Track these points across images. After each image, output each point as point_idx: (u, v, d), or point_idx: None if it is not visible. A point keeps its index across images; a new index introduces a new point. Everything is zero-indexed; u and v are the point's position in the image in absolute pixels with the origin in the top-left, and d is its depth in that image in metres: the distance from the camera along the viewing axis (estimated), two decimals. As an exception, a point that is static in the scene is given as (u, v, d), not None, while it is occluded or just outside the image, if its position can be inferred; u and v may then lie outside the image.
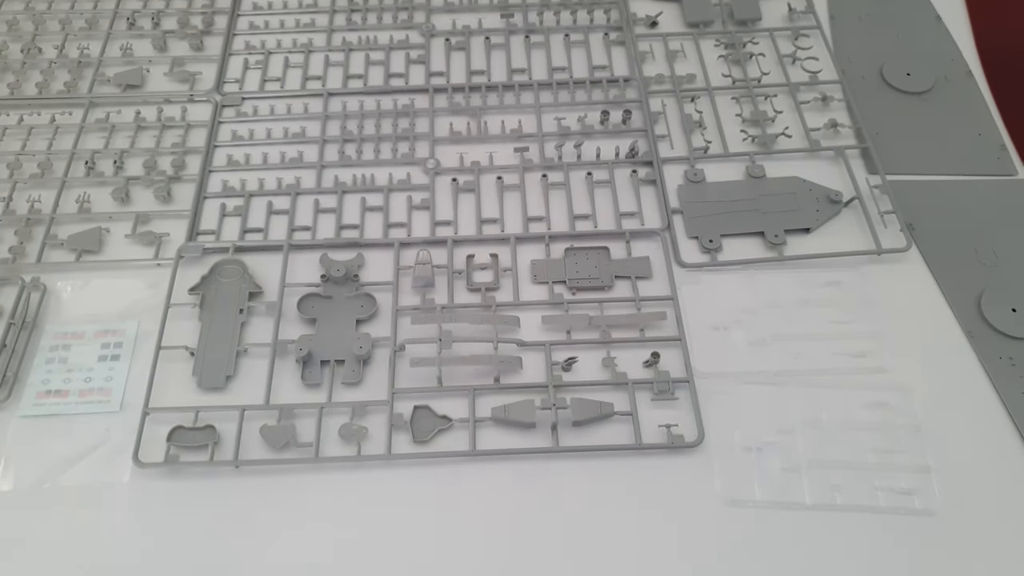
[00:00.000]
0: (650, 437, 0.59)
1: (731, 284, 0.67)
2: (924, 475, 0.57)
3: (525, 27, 0.83)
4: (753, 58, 0.81)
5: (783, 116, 0.76)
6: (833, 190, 0.71)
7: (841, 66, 0.81)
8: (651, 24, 0.84)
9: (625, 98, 0.78)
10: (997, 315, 0.64)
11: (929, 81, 0.79)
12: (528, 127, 0.76)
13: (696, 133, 0.75)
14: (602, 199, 0.71)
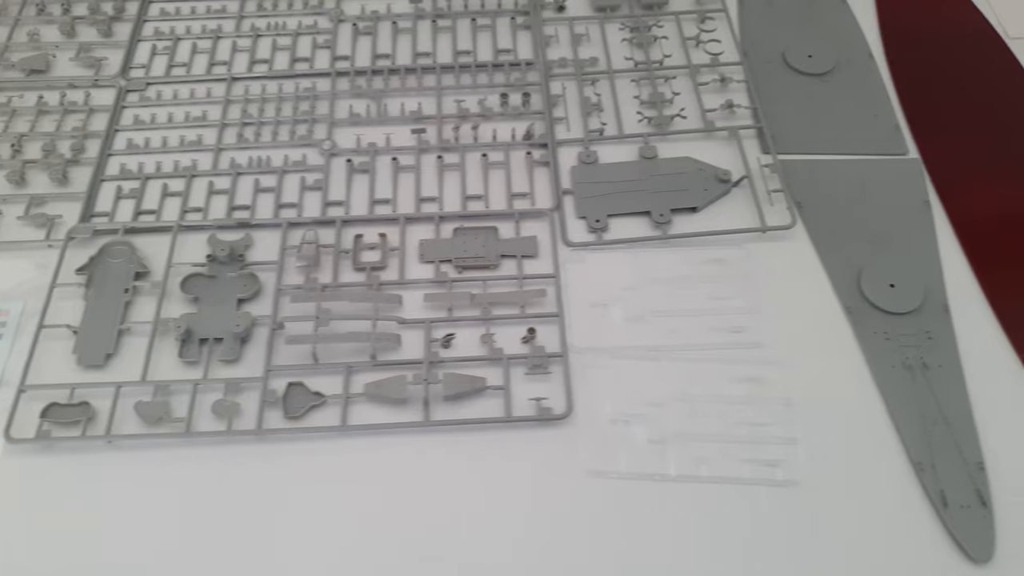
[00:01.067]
0: (521, 411, 0.59)
1: (615, 263, 0.67)
2: (790, 447, 0.58)
3: (433, 12, 0.84)
4: (657, 41, 0.81)
5: (682, 98, 0.77)
6: (723, 170, 0.71)
7: (745, 48, 0.81)
8: (559, 8, 0.84)
9: (526, 81, 0.78)
10: (876, 291, 0.65)
11: (830, 63, 0.80)
12: (428, 110, 0.76)
13: (594, 116, 0.76)
14: (496, 180, 0.72)
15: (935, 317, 0.64)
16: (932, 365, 0.61)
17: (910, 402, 0.59)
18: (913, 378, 0.61)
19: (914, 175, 0.72)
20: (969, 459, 0.57)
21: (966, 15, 0.84)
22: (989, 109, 0.77)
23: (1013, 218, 0.69)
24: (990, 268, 0.66)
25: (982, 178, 0.72)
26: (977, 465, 0.57)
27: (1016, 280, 0.66)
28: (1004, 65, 0.80)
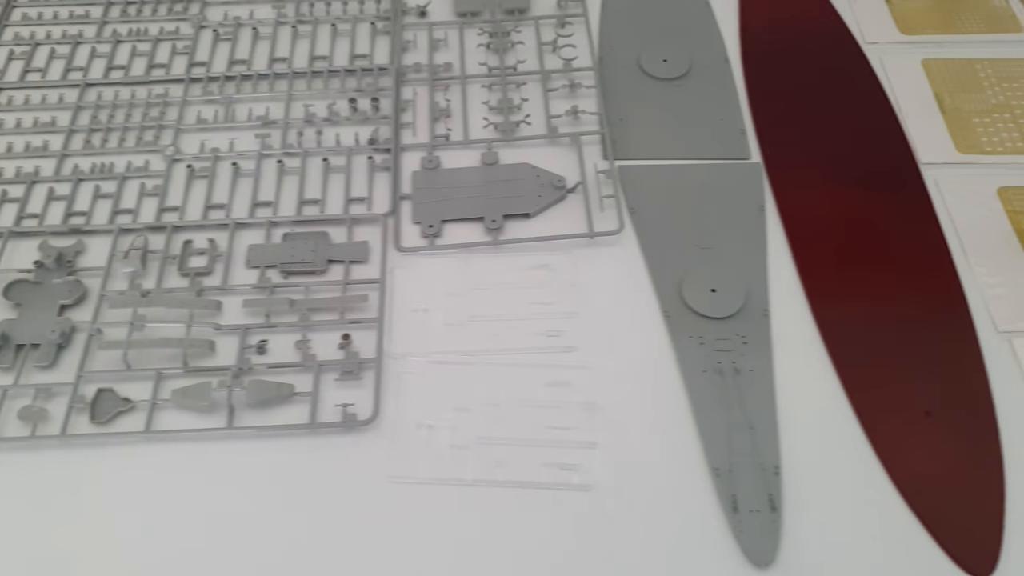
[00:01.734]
0: (328, 417, 0.60)
1: (444, 268, 0.67)
2: (589, 452, 0.58)
3: (295, 18, 0.84)
4: (514, 47, 0.82)
5: (531, 104, 0.77)
6: (558, 176, 0.71)
7: (602, 54, 0.81)
8: (420, 14, 0.85)
9: (378, 87, 0.78)
10: (696, 296, 0.65)
11: (683, 68, 0.80)
12: (276, 114, 0.76)
13: (442, 121, 0.76)
14: (336, 185, 0.72)
15: (754, 321, 0.64)
16: (744, 370, 0.61)
17: (716, 407, 0.60)
18: (723, 383, 0.61)
19: (754, 179, 0.72)
20: (767, 464, 0.57)
21: (825, 18, 0.85)
22: (837, 113, 0.77)
23: (841, 224, 0.70)
24: (813, 273, 0.66)
25: (820, 183, 0.72)
26: (774, 470, 0.57)
27: (835, 287, 0.66)
28: (856, 69, 0.80)
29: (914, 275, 0.67)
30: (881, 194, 0.71)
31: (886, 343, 0.63)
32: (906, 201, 0.71)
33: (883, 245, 0.69)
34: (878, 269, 0.67)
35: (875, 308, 0.65)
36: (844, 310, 0.65)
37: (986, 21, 0.84)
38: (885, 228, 0.70)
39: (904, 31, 0.83)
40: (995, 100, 0.78)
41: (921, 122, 0.76)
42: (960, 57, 0.81)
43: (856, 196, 0.71)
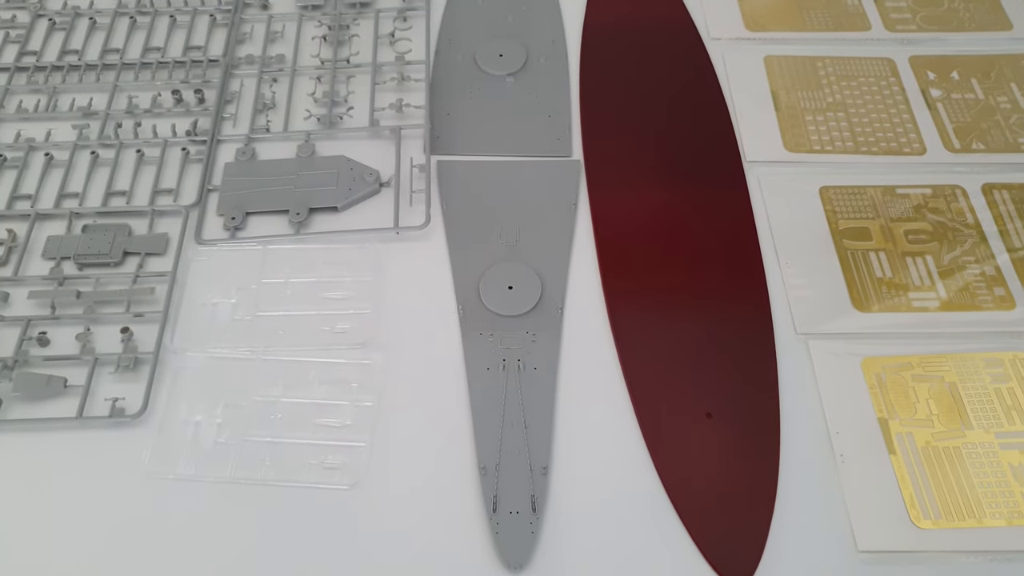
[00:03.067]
0: (99, 411, 0.58)
1: (242, 261, 0.66)
2: (358, 450, 0.57)
3: (136, 8, 0.83)
4: (351, 39, 0.81)
5: (358, 97, 0.76)
6: (372, 169, 0.70)
7: (439, 47, 0.80)
8: (262, 6, 0.83)
9: (206, 79, 0.77)
10: (492, 293, 0.64)
11: (518, 63, 0.79)
12: (100, 105, 0.75)
13: (265, 113, 0.75)
14: (146, 177, 0.71)
15: (547, 319, 0.63)
16: (529, 367, 0.60)
17: (494, 404, 0.58)
18: (506, 379, 0.60)
19: (571, 177, 0.71)
20: (535, 464, 0.56)
21: (672, 13, 0.83)
22: (670, 111, 0.76)
23: (653, 223, 0.68)
24: (615, 272, 0.65)
25: (639, 182, 0.71)
26: (542, 470, 0.56)
27: (635, 287, 0.65)
28: (697, 66, 0.79)
29: (720, 276, 0.66)
30: (700, 193, 0.70)
31: (679, 344, 0.62)
32: (725, 201, 0.70)
33: (693, 245, 0.67)
34: (684, 270, 0.66)
35: (673, 309, 0.64)
36: (640, 310, 0.64)
37: (835, 19, 0.83)
38: (699, 228, 0.68)
39: (751, 27, 0.82)
40: (831, 99, 0.77)
41: (754, 120, 0.75)
42: (803, 55, 0.80)
43: (674, 195, 0.70)
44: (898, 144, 0.74)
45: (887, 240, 0.68)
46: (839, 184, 0.71)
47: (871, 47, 0.81)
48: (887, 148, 0.73)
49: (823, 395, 0.59)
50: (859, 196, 0.70)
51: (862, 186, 0.71)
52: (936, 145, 0.74)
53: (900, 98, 0.77)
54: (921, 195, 0.71)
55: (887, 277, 0.65)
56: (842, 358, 0.61)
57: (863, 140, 0.74)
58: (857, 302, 0.64)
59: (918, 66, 0.80)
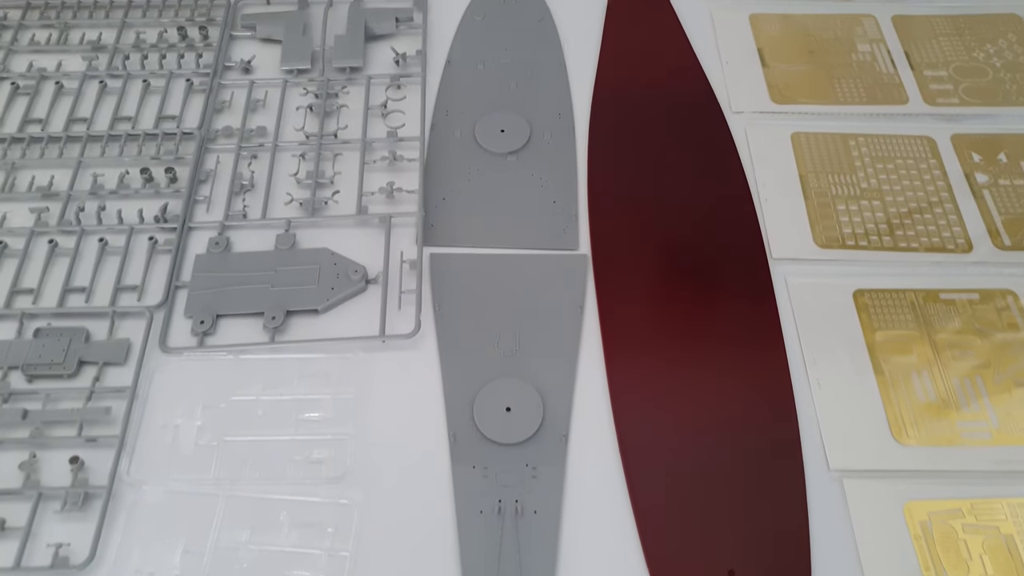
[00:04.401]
0: (41, 559, 0.52)
1: (211, 374, 0.59)
2: (331, 610, 0.50)
3: (107, 70, 0.76)
4: (339, 110, 0.74)
5: (345, 178, 0.69)
6: (358, 265, 0.63)
7: (435, 121, 0.73)
8: (244, 70, 0.77)
9: (179, 155, 0.70)
10: (487, 416, 0.57)
11: (521, 140, 0.72)
12: (62, 184, 0.69)
13: (242, 195, 0.68)
14: (109, 270, 0.64)
15: (550, 449, 0.56)
16: (528, 511, 0.53)
17: (488, 557, 0.51)
18: (502, 527, 0.53)
19: (577, 274, 0.64)
20: (532, 629, 0.49)
21: (691, 82, 0.76)
22: (686, 195, 0.69)
23: (661, 334, 0.61)
24: (625, 394, 0.58)
25: (654, 279, 0.64)
26: (539, 637, 0.49)
27: (650, 412, 0.58)
28: (717, 144, 0.72)
29: (745, 397, 0.58)
30: (723, 296, 0.63)
31: (698, 486, 0.55)
32: (749, 304, 0.63)
33: (716, 359, 0.60)
34: (705, 391, 0.59)
35: (692, 443, 0.57)
36: (655, 442, 0.56)
37: (869, 90, 0.76)
38: (721, 336, 0.61)
39: (777, 100, 0.75)
40: (865, 184, 0.70)
41: (780, 208, 0.68)
42: (834, 131, 0.73)
43: (694, 299, 0.63)
44: (940, 239, 0.66)
45: (930, 355, 0.60)
46: (875, 287, 0.64)
47: (909, 123, 0.74)
48: (928, 244, 0.66)
49: (860, 547, 0.52)
50: (898, 301, 0.63)
51: (901, 289, 0.64)
52: (983, 240, 0.66)
53: (942, 183, 0.70)
54: (968, 301, 0.63)
55: (931, 401, 0.58)
56: (882, 502, 0.54)
57: (901, 234, 0.67)
58: (897, 431, 0.57)
59: (961, 146, 0.72)
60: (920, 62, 0.78)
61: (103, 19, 0.80)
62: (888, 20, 0.82)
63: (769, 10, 0.83)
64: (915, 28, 0.81)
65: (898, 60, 0.79)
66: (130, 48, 0.78)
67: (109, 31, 0.79)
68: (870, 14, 0.82)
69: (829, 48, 0.79)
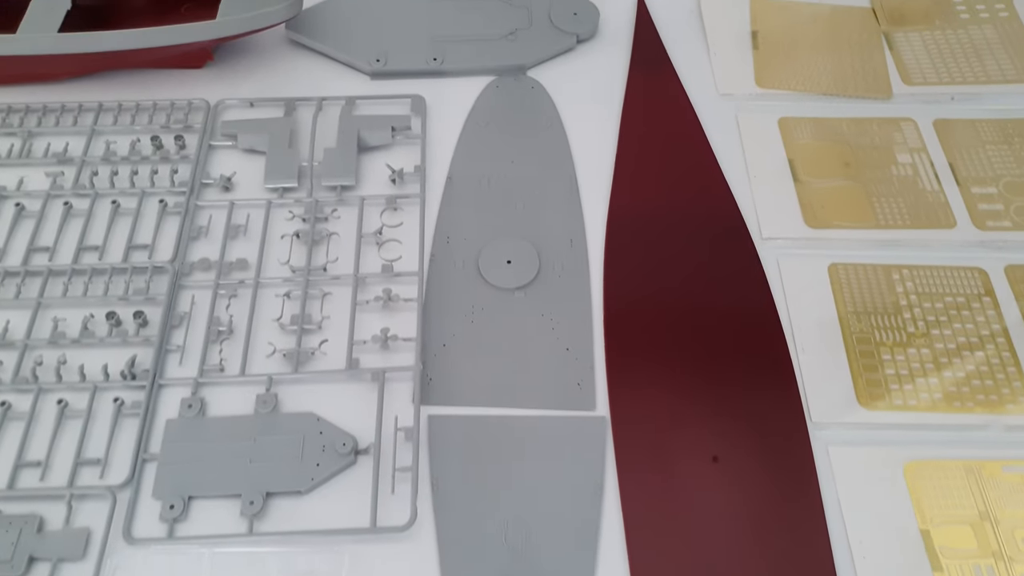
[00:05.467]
0: None
1: (184, 571, 0.52)
2: None
3: (73, 189, 0.69)
4: (329, 238, 0.67)
5: (334, 322, 0.62)
6: (346, 436, 0.56)
7: (435, 250, 0.67)
8: (224, 188, 0.70)
9: (148, 294, 0.63)
10: (493, 631, 0.50)
11: (530, 273, 0.65)
12: (17, 331, 0.62)
13: (219, 344, 0.61)
14: (70, 438, 0.57)
15: (566, 672, 0.49)
16: None
17: None
18: None
19: (595, 442, 0.57)
20: None
21: (717, 204, 0.69)
22: (715, 341, 0.62)
23: (691, 517, 0.54)
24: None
25: (677, 449, 0.57)
26: None
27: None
28: (747, 274, 0.65)
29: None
30: (762, 475, 0.56)
31: None
32: (790, 485, 0.56)
33: (756, 556, 0.53)
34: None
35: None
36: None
37: (912, 211, 0.69)
38: (759, 517, 0.54)
39: (812, 223, 0.68)
40: (912, 328, 0.63)
41: (819, 362, 0.61)
42: (876, 262, 0.66)
43: (729, 472, 0.56)
44: (999, 397, 0.60)
45: (995, 547, 0.54)
46: (928, 456, 0.57)
47: (958, 253, 0.67)
48: (985, 403, 0.59)
49: None
50: (949, 479, 0.56)
51: (953, 460, 0.57)
52: (1047, 399, 0.60)
53: (998, 326, 0.63)
54: (1034, 471, 0.57)
55: (998, 602, 0.52)
56: None
57: (955, 392, 0.60)
58: (961, 645, 0.50)
59: (1017, 280, 0.65)
60: (967, 177, 0.71)
61: (71, 126, 0.73)
62: (929, 125, 0.75)
63: (800, 113, 0.76)
64: (959, 134, 0.74)
65: (942, 174, 0.72)
66: (99, 161, 0.71)
67: (77, 139, 0.72)
68: (910, 118, 0.75)
69: (866, 159, 0.72)
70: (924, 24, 0.83)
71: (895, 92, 0.77)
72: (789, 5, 0.84)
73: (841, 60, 0.79)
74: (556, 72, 0.78)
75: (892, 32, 0.82)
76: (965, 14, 0.83)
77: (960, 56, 0.80)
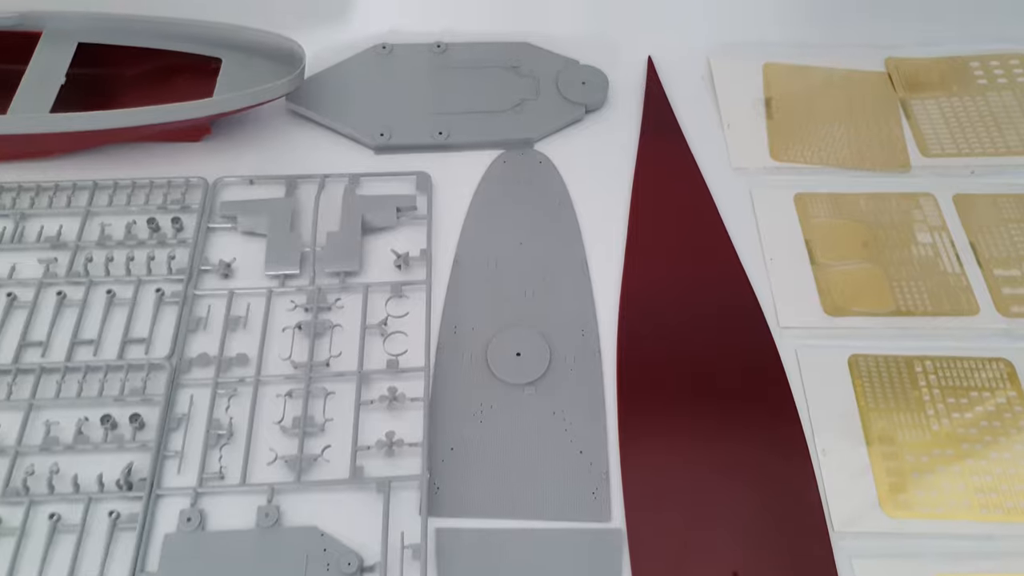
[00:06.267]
0: None
1: None
2: None
3: (67, 276, 0.67)
4: (332, 331, 0.64)
5: (337, 425, 0.60)
6: (351, 555, 0.54)
7: (442, 341, 0.64)
8: (223, 275, 0.67)
9: (145, 394, 0.61)
10: None
11: (540, 367, 0.62)
12: (8, 438, 0.59)
13: (218, 449, 0.59)
14: (62, 555, 0.55)
15: None
16: None
17: None
18: None
19: (612, 553, 0.55)
20: None
21: (734, 291, 0.67)
22: (735, 441, 0.60)
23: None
24: None
25: (701, 564, 0.55)
26: None
27: None
28: (764, 366, 0.63)
29: None
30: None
31: None
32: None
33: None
34: None
35: None
36: None
37: (934, 297, 0.67)
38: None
39: (831, 311, 0.66)
40: (937, 427, 0.61)
41: (841, 468, 0.59)
42: (897, 353, 0.64)
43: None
44: (1029, 503, 0.58)
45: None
46: (959, 570, 0.55)
47: (982, 343, 0.65)
48: (1015, 510, 0.57)
49: None
50: (986, 593, 0.54)
51: (987, 574, 0.55)
52: (1078, 504, 0.57)
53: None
54: (1067, 592, 0.54)
55: None
56: None
57: (984, 497, 0.57)
58: None
59: (1044, 373, 0.63)
60: (989, 258, 0.69)
61: (65, 207, 0.70)
62: (949, 200, 0.73)
63: (816, 188, 0.73)
64: (980, 211, 0.72)
65: (963, 254, 0.69)
66: (94, 246, 0.68)
67: (71, 221, 0.70)
68: (929, 193, 0.73)
69: (885, 239, 0.70)
70: (941, 90, 0.81)
71: (913, 164, 0.75)
72: (802, 69, 0.82)
73: (857, 130, 0.77)
74: (564, 145, 0.76)
75: (908, 99, 0.80)
76: (983, 79, 0.81)
77: (979, 125, 0.78)
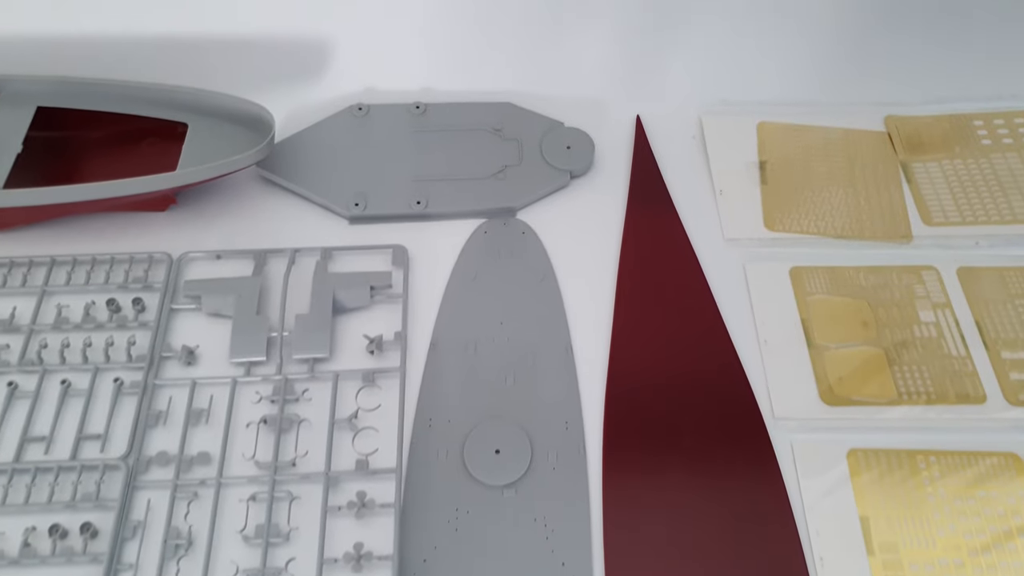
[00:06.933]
0: None
1: None
2: None
3: (19, 365, 0.63)
4: (299, 425, 0.61)
5: (304, 533, 0.56)
6: None
7: (415, 437, 0.61)
8: (186, 362, 0.64)
9: (98, 498, 0.57)
10: None
11: (520, 467, 0.59)
12: (-46, 545, 0.56)
13: (175, 560, 0.55)
14: None
15: None
16: None
17: None
18: None
19: None
20: None
21: (728, 382, 0.63)
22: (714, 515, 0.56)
23: None
24: None
25: None
26: None
27: None
28: (759, 462, 0.59)
29: None
30: None
31: None
32: None
33: None
34: None
35: None
36: None
37: (938, 384, 0.63)
38: None
39: (829, 400, 0.62)
40: (942, 532, 0.57)
41: (835, 546, 0.55)
42: (898, 447, 0.61)
43: None
44: (1041, 619, 0.54)
45: None
46: None
47: (989, 436, 0.61)
48: (1027, 626, 0.54)
49: None
50: None
51: None
52: (1092, 621, 0.54)
53: (1035, 527, 0.57)
54: None
55: None
56: None
57: (992, 613, 0.54)
58: None
59: (1054, 469, 0.60)
60: (996, 339, 0.66)
61: (19, 286, 0.67)
62: (953, 274, 0.69)
63: (813, 260, 0.70)
64: (986, 286, 0.69)
65: (969, 335, 0.66)
66: (49, 329, 0.65)
67: (25, 301, 0.66)
68: (932, 266, 0.70)
69: (887, 318, 0.67)
70: (943, 151, 0.77)
71: (915, 234, 0.72)
72: (798, 129, 0.79)
73: (856, 196, 0.74)
74: (548, 213, 0.72)
75: (910, 162, 0.76)
76: (987, 138, 0.78)
77: (984, 190, 0.74)
